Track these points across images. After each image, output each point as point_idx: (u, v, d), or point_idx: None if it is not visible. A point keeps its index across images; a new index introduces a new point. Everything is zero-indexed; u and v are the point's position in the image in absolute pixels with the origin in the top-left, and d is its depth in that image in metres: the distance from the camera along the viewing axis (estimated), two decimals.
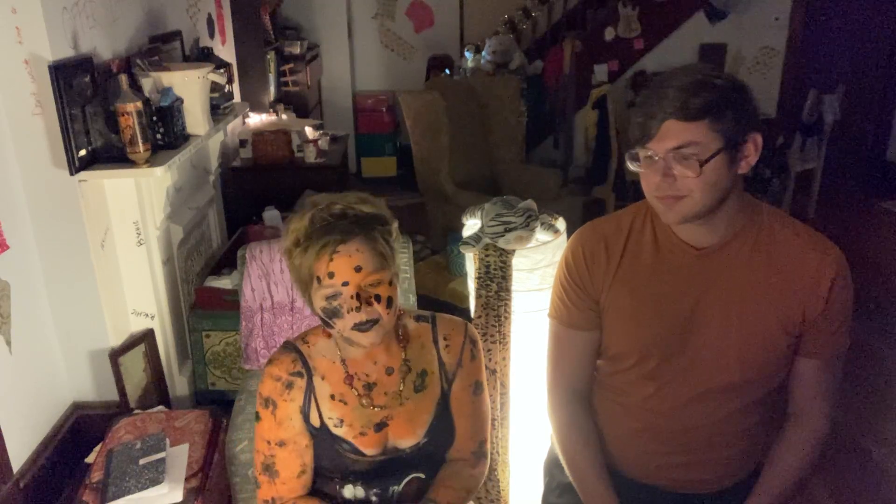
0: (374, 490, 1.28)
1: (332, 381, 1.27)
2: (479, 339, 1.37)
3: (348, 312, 1.15)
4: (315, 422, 1.25)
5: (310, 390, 1.25)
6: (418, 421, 1.28)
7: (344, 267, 1.13)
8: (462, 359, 1.31)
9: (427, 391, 1.29)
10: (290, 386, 1.25)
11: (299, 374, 1.25)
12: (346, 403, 1.26)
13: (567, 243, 1.43)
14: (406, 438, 1.28)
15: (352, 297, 1.14)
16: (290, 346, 1.29)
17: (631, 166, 1.24)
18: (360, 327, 1.16)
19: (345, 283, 1.14)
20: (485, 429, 1.37)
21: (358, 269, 1.14)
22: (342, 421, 1.25)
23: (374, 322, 1.17)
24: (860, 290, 1.28)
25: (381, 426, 1.26)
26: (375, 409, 1.26)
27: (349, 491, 1.28)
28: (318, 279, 1.15)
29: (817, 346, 1.28)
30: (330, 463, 1.27)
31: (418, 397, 1.29)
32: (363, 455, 1.26)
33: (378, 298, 1.16)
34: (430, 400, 1.29)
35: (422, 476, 1.30)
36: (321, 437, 1.26)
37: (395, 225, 1.22)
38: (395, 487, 1.28)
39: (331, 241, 1.12)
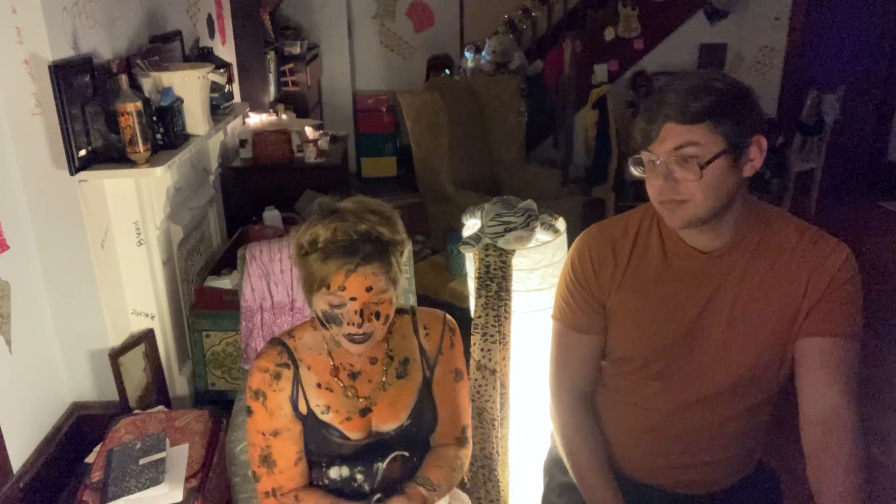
0: (359, 468, 1.34)
1: (317, 370, 1.32)
2: (457, 329, 1.42)
3: (348, 325, 1.21)
4: (303, 409, 1.31)
5: (297, 380, 1.31)
6: (401, 405, 1.34)
7: (357, 285, 1.18)
8: (442, 346, 1.39)
9: (409, 377, 1.36)
10: (277, 376, 1.30)
11: (286, 366, 1.31)
12: (331, 391, 1.32)
13: (573, 245, 1.42)
14: (389, 422, 1.34)
15: (356, 312, 1.20)
16: (276, 341, 1.34)
17: (634, 172, 1.23)
18: (353, 338, 1.23)
19: (353, 298, 1.19)
20: (467, 415, 1.44)
21: (368, 290, 1.19)
22: (329, 408, 1.31)
23: (367, 336, 1.23)
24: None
25: (365, 411, 1.32)
26: (360, 399, 1.32)
27: (335, 472, 1.34)
28: (328, 286, 1.19)
29: (824, 322, 1.21)
30: (316, 447, 1.33)
31: (401, 383, 1.35)
32: (348, 439, 1.32)
33: (378, 315, 1.23)
34: (412, 384, 1.36)
35: (405, 454, 1.35)
36: (308, 423, 1.32)
37: (409, 247, 1.26)
38: (380, 464, 1.33)
39: (353, 261, 1.17)
